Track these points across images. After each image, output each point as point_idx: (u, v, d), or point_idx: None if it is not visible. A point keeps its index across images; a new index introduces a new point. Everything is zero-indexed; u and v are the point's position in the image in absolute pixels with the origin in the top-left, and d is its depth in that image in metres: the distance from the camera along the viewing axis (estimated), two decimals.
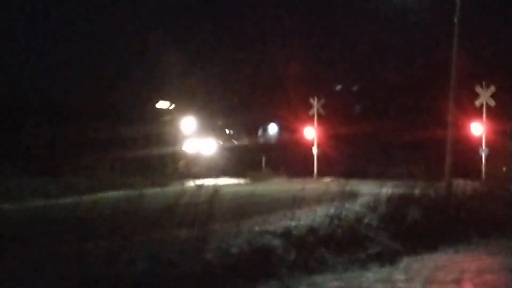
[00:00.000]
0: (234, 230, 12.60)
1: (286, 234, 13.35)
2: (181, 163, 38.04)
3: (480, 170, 29.34)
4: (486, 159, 30.41)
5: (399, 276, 12.76)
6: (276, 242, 12.91)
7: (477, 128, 31.82)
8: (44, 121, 35.34)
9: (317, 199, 17.33)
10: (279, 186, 28.20)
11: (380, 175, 24.41)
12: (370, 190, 19.85)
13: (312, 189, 17.63)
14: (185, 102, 42.03)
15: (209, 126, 42.80)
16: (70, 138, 34.56)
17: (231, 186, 20.98)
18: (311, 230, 13.94)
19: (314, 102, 39.31)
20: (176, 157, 38.37)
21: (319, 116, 39.55)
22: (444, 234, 17.02)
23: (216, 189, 13.31)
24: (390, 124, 41.41)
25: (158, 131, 38.98)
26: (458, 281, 12.44)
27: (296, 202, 15.15)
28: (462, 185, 23.13)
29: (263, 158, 40.21)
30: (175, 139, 40.03)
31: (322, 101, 39.30)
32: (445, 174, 23.22)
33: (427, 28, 41.82)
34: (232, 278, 11.30)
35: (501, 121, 35.43)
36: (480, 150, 30.38)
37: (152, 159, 35.09)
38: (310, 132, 39.78)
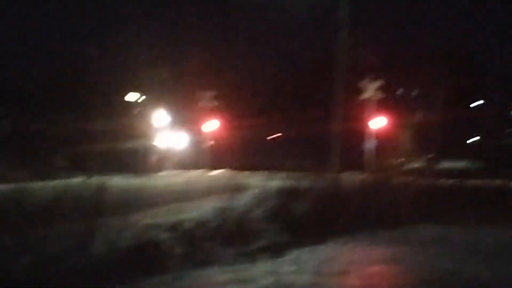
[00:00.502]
0: (122, 224, 12.43)
1: (174, 228, 13.30)
2: (153, 157, 37.31)
3: (367, 162, 29.90)
4: (374, 151, 30.98)
5: (287, 268, 12.83)
6: (165, 235, 12.83)
7: (365, 121, 32.43)
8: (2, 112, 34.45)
9: (207, 192, 17.35)
10: (171, 179, 28.06)
11: (271, 168, 24.64)
12: (260, 183, 19.95)
13: (203, 182, 17.64)
14: (156, 94, 41.16)
15: (181, 119, 41.92)
16: (30, 130, 33.59)
17: (123, 180, 20.65)
18: (200, 223, 13.93)
19: (206, 94, 39.12)
20: (147, 151, 37.63)
21: (219, 108, 39.37)
22: (333, 226, 17.24)
23: (105, 183, 13.13)
24: (285, 117, 41.81)
25: (128, 124, 38.16)
26: (345, 272, 12.59)
27: (186, 195, 15.10)
28: (350, 177, 23.62)
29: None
30: (146, 132, 39.21)
31: (213, 93, 39.08)
32: (333, 167, 23.65)
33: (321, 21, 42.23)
34: (119, 272, 11.14)
35: (390, 113, 36.37)
36: (367, 142, 30.94)
37: (121, 153, 34.31)
38: (210, 125, 39.70)
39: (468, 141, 54.62)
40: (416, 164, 41.02)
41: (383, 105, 31.99)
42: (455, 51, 46.10)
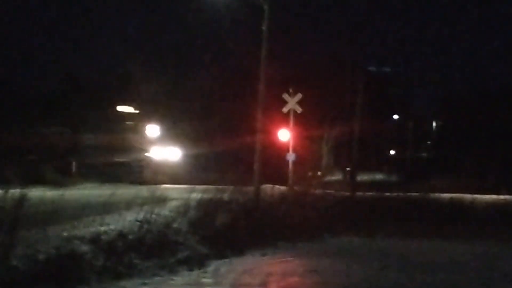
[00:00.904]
0: (42, 236, 12.38)
1: (95, 240, 13.29)
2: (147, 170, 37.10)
3: (287, 176, 30.21)
4: (294, 164, 31.33)
5: (207, 279, 12.97)
6: (85, 247, 12.82)
7: (285, 134, 32.77)
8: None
9: (127, 204, 17.36)
10: (90, 191, 27.86)
11: (192, 181, 24.73)
12: (180, 195, 20.04)
13: (123, 194, 17.63)
14: (149, 108, 41.05)
15: (173, 133, 41.75)
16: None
17: (40, 191, 20.41)
18: (120, 235, 13.95)
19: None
20: (140, 163, 37.42)
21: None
22: (252, 238, 17.48)
23: (23, 194, 12.99)
24: (207, 130, 42.05)
25: (121, 137, 37.95)
26: (264, 284, 12.81)
27: (106, 207, 15.11)
28: (270, 190, 23.90)
29: (73, 163, 39.41)
30: (140, 145, 38.95)
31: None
32: (254, 180, 23.82)
33: (240, 35, 42.56)
34: (40, 284, 11.11)
35: (308, 127, 36.90)
36: (287, 155, 31.27)
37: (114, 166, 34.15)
38: None
39: (385, 154, 55.90)
40: (334, 177, 41.69)
41: (301, 118, 32.33)
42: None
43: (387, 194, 27.40)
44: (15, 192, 13.33)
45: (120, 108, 42.35)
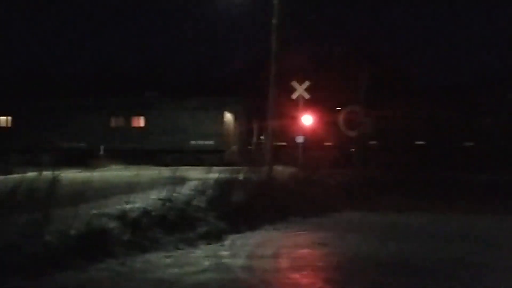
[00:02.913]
0: (73, 213, 12.61)
1: (121, 216, 13.52)
2: None
3: (298, 157, 30.35)
4: (304, 147, 31.44)
5: (224, 252, 13.22)
6: (112, 223, 13.04)
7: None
8: None
9: (150, 184, 17.60)
10: (116, 172, 28.15)
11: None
12: (199, 176, 20.24)
13: (146, 175, 17.85)
14: None
15: None
16: None
17: (71, 173, 20.68)
18: (145, 212, 14.17)
19: None
20: None
21: None
22: (265, 214, 17.68)
23: (56, 176, 13.21)
24: None
25: None
26: (276, 255, 13.08)
27: (131, 187, 15.34)
28: (281, 170, 24.09)
29: (101, 146, 39.81)
30: None
31: None
32: (267, 161, 24.02)
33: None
34: (72, 257, 11.35)
35: (322, 112, 36.98)
36: (296, 138, 31.38)
37: None
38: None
39: None
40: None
41: (311, 104, 32.41)
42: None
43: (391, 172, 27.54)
44: (47, 174, 13.60)
45: None
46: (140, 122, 41.95)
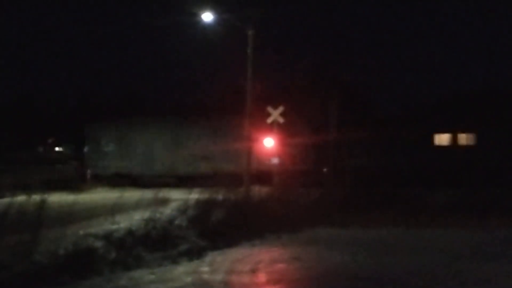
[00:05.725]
0: (61, 234, 12.50)
1: (107, 236, 13.44)
2: None
3: (272, 177, 30.28)
4: (277, 168, 31.39)
5: (204, 268, 13.12)
6: (99, 243, 12.98)
7: (269, 142, 32.80)
8: None
9: (134, 205, 17.49)
10: (101, 194, 27.99)
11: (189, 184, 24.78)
12: (180, 196, 20.16)
13: (130, 197, 17.74)
14: None
15: None
16: None
17: (57, 196, 20.51)
18: (129, 231, 14.09)
19: None
20: None
21: None
22: (243, 231, 17.59)
23: (44, 198, 13.08)
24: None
25: None
26: (254, 270, 13.00)
27: (116, 208, 15.25)
28: (257, 190, 24.03)
29: (88, 171, 39.50)
30: None
31: None
32: (244, 181, 24.03)
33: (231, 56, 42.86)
34: (60, 275, 11.26)
35: (289, 135, 36.98)
36: (271, 159, 31.37)
37: None
38: None
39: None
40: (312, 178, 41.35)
41: (282, 128, 32.42)
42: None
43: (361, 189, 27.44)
44: (36, 197, 13.46)
45: None
46: None
